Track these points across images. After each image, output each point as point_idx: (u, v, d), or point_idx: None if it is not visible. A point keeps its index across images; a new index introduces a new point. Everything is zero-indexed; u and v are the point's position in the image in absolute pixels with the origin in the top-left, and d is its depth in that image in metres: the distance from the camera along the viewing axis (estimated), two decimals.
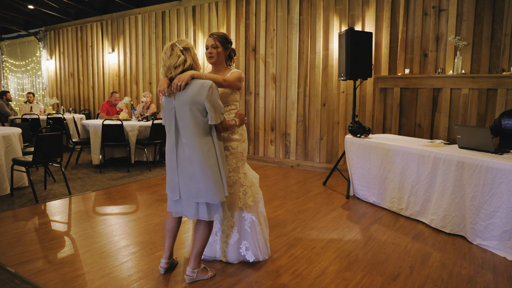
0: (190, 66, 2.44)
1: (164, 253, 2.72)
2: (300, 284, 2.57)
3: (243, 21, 6.98)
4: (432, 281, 2.60)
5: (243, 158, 2.78)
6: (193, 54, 2.49)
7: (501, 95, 4.78)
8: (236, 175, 2.74)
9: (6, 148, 4.65)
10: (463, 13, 5.01)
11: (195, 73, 2.41)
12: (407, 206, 3.92)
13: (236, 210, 2.76)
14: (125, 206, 4.34)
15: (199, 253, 2.58)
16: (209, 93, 2.35)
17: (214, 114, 2.38)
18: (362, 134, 4.58)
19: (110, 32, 9.23)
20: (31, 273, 2.68)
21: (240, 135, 2.76)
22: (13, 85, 12.09)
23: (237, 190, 2.75)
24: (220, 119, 2.42)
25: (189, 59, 2.43)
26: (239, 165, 2.76)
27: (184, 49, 2.43)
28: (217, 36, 2.70)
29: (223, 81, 2.54)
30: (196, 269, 2.58)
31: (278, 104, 6.73)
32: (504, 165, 3.02)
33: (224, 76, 2.65)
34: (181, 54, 2.41)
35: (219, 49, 2.69)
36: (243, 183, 2.77)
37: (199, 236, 2.55)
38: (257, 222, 2.78)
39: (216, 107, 2.39)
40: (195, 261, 2.58)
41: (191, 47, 2.49)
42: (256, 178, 2.95)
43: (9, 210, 4.08)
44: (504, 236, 3.02)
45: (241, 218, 2.77)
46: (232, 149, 2.73)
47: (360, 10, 5.79)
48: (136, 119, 6.70)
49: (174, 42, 2.45)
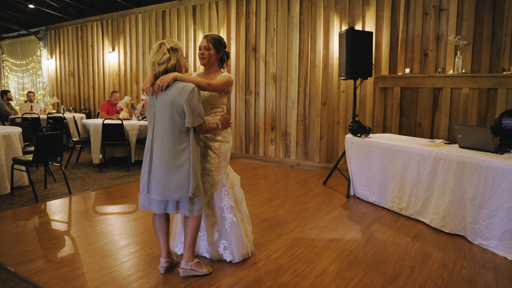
0: (173, 66, 2.48)
1: (162, 253, 2.72)
2: (301, 284, 2.56)
3: (244, 21, 6.98)
4: (432, 281, 2.60)
5: (226, 159, 2.82)
6: (180, 55, 2.53)
7: (502, 94, 4.78)
8: (218, 175, 2.78)
9: (7, 147, 4.65)
10: (464, 13, 5.01)
11: (179, 75, 2.45)
12: (407, 205, 3.92)
13: (217, 210, 2.80)
14: (125, 205, 4.34)
15: (190, 245, 2.62)
16: (189, 96, 2.39)
17: (192, 117, 2.41)
18: (362, 133, 4.58)
19: (111, 32, 9.23)
20: (31, 273, 2.68)
21: (223, 137, 2.80)
22: (14, 84, 12.09)
23: (219, 190, 2.79)
24: (198, 122, 2.46)
25: (173, 59, 2.47)
26: (222, 165, 2.80)
27: (171, 48, 2.48)
28: (210, 38, 2.73)
29: (207, 85, 2.57)
30: (189, 262, 2.61)
31: (278, 104, 6.72)
32: (505, 165, 3.02)
33: (211, 79, 2.70)
34: (166, 52, 2.46)
35: (211, 51, 2.73)
36: (225, 184, 2.80)
37: (188, 228, 2.60)
38: (237, 223, 2.80)
39: (194, 111, 2.42)
40: (187, 254, 2.62)
41: (179, 48, 2.53)
42: (237, 179, 2.99)
43: (9, 209, 4.08)
44: (505, 236, 3.01)
45: (222, 218, 2.80)
46: (215, 149, 2.77)
47: (360, 10, 5.78)
48: (136, 119, 6.70)
49: (164, 41, 2.50)
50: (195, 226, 2.60)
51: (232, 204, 2.79)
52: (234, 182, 2.90)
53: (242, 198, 2.93)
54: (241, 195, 2.93)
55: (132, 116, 6.96)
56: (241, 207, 2.91)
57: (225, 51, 2.82)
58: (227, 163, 2.85)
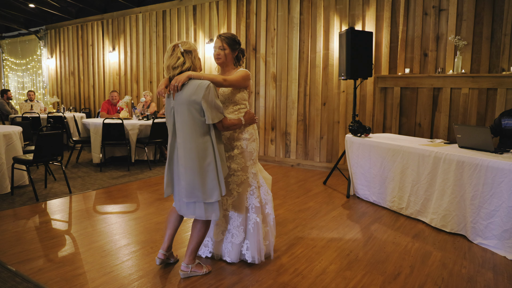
0: (188, 69, 2.48)
1: (163, 245, 2.74)
2: (301, 283, 2.57)
3: (244, 21, 6.98)
4: (432, 280, 2.61)
5: (252, 158, 2.75)
6: (194, 57, 2.50)
7: (501, 94, 4.78)
8: (245, 175, 2.73)
9: (7, 146, 4.66)
10: (463, 13, 5.01)
11: (193, 74, 2.44)
12: (407, 205, 3.92)
13: (243, 210, 2.75)
14: (125, 205, 4.35)
15: (194, 249, 2.62)
16: (205, 92, 2.37)
17: (211, 113, 2.40)
18: (362, 133, 4.58)
19: (111, 31, 9.23)
20: (32, 272, 2.68)
21: (250, 134, 2.74)
22: (14, 83, 12.09)
23: (245, 189, 2.74)
24: (218, 118, 2.44)
25: (188, 62, 2.46)
26: (248, 165, 2.74)
27: (185, 51, 2.46)
28: (224, 38, 2.68)
29: (223, 80, 2.53)
30: (190, 264, 2.62)
31: (278, 103, 6.73)
32: (504, 165, 3.03)
33: (227, 75, 2.64)
34: (180, 56, 2.45)
35: (226, 50, 2.68)
36: (251, 183, 2.75)
37: (196, 234, 2.60)
38: (260, 224, 2.75)
39: (213, 107, 2.40)
40: (189, 257, 2.62)
41: (193, 50, 2.50)
42: (269, 179, 2.92)
43: (10, 209, 4.09)
44: (504, 235, 3.02)
45: (247, 218, 2.76)
46: (241, 148, 2.72)
47: (360, 10, 5.79)
48: (136, 118, 6.71)
49: (178, 43, 2.47)
50: (204, 233, 2.60)
51: (257, 204, 2.74)
52: (260, 182, 2.82)
53: (269, 200, 2.84)
54: (268, 197, 2.83)
55: (132, 115, 6.97)
56: (266, 209, 2.82)
57: (240, 48, 2.77)
58: (253, 162, 2.77)
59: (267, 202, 2.83)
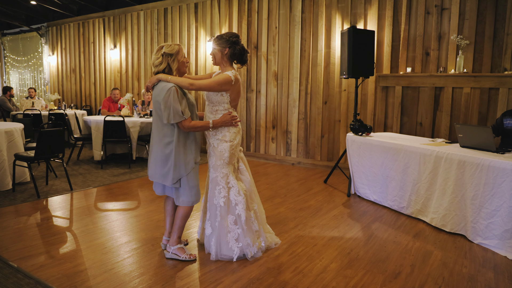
0: (163, 69, 2.70)
1: (166, 231, 2.99)
2: (301, 282, 2.58)
3: (245, 19, 6.97)
4: (433, 280, 2.61)
5: (222, 158, 2.83)
6: (173, 60, 2.70)
7: (503, 94, 4.78)
8: (214, 173, 2.85)
9: (8, 143, 4.67)
10: (466, 12, 5.00)
11: (162, 77, 2.66)
12: (408, 204, 3.93)
13: (211, 206, 2.86)
14: (126, 202, 4.35)
15: (175, 230, 2.85)
16: (166, 95, 2.59)
17: (167, 114, 2.61)
18: (363, 132, 4.58)
19: (112, 28, 9.22)
20: (33, 268, 2.69)
21: (223, 136, 2.84)
22: (15, 80, 12.09)
23: (213, 187, 2.85)
24: (175, 120, 2.62)
25: (164, 64, 2.69)
26: (218, 164, 2.84)
27: (165, 53, 2.68)
28: (214, 38, 2.85)
29: (189, 85, 2.66)
30: (172, 246, 2.86)
31: (279, 102, 6.73)
32: (506, 165, 3.02)
33: (197, 79, 2.81)
34: (160, 57, 2.69)
35: (215, 50, 2.83)
36: (219, 182, 2.83)
37: (176, 215, 2.85)
38: (223, 224, 2.81)
39: (170, 109, 2.59)
40: (172, 238, 2.87)
41: (175, 53, 2.70)
42: (241, 187, 2.90)
43: (11, 205, 4.10)
44: (505, 235, 3.02)
45: (215, 215, 2.85)
46: (214, 147, 2.86)
47: (362, 9, 5.78)
48: (137, 116, 6.71)
49: (163, 45, 2.71)
50: (183, 215, 2.82)
51: (222, 204, 2.81)
52: (231, 184, 2.84)
53: (239, 201, 2.83)
54: (239, 198, 2.83)
55: (133, 113, 6.97)
56: (235, 210, 2.83)
57: (233, 46, 2.79)
58: (224, 162, 2.82)
59: (238, 203, 2.84)
